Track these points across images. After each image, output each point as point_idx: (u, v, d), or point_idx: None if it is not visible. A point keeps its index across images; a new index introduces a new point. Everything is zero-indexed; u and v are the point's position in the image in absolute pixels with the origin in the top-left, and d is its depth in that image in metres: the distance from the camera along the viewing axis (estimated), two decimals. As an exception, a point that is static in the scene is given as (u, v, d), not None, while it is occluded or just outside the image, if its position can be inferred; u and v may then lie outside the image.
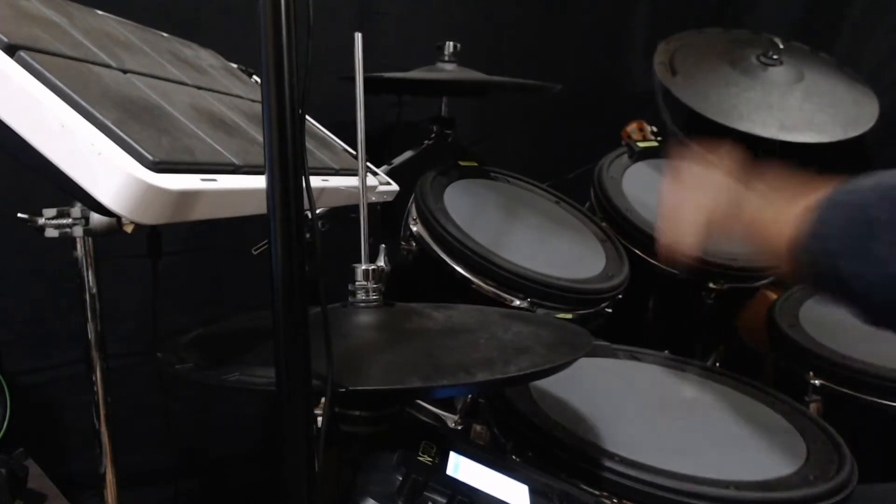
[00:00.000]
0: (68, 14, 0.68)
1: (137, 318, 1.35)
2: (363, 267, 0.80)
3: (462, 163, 1.44)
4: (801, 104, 1.57)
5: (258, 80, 1.05)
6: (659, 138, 1.69)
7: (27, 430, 1.24)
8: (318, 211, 0.60)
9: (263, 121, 0.48)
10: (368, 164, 0.89)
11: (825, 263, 0.62)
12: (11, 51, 0.50)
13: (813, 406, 1.17)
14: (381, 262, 0.81)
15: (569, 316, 1.19)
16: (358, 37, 0.81)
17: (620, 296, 1.26)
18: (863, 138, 1.52)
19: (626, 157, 1.59)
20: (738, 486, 0.82)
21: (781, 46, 1.65)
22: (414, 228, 1.23)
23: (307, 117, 0.54)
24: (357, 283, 0.80)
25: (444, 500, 0.65)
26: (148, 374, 1.33)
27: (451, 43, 1.43)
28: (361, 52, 0.82)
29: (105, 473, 0.87)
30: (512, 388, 0.99)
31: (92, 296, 0.82)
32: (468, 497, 0.66)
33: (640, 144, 1.63)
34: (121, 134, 0.49)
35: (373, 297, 0.80)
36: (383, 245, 1.03)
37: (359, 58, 0.81)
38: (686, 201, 0.82)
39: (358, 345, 0.72)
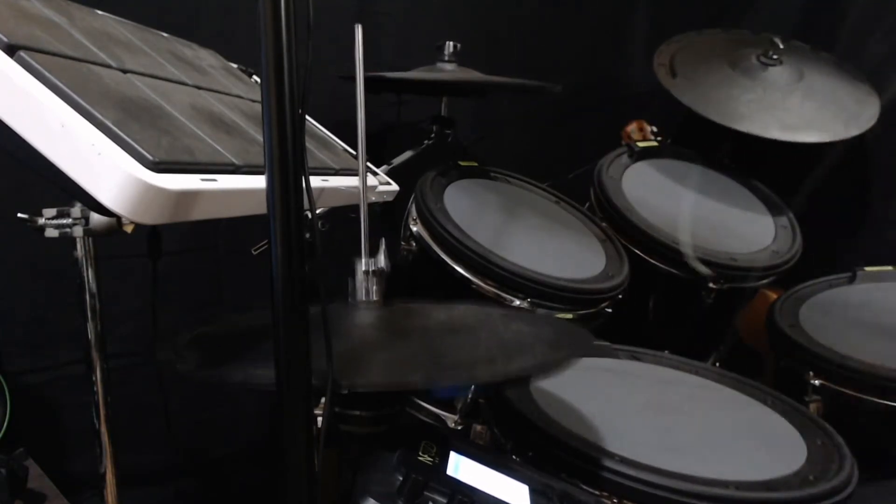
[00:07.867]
0: (68, 14, 0.68)
1: (137, 318, 1.35)
2: (363, 267, 0.80)
3: (462, 163, 1.44)
4: (801, 103, 1.57)
5: (258, 80, 1.05)
6: (658, 138, 1.69)
7: (27, 430, 1.24)
8: (318, 211, 0.60)
9: (263, 121, 0.48)
10: (368, 164, 0.88)
11: None
12: (11, 51, 0.50)
13: (813, 406, 1.17)
14: (381, 261, 0.81)
15: (569, 316, 1.19)
16: (358, 28, 0.81)
17: (620, 296, 1.26)
18: (864, 137, 1.52)
19: (625, 157, 1.59)
20: (739, 486, 0.82)
21: (781, 46, 1.65)
22: (414, 228, 1.23)
23: (307, 117, 0.54)
24: (357, 282, 0.80)
25: (445, 500, 0.65)
26: (148, 374, 1.33)
27: (451, 43, 1.42)
28: (362, 44, 0.81)
29: (105, 473, 0.87)
30: (512, 387, 0.99)
31: (92, 296, 0.82)
32: (468, 497, 0.66)
33: (640, 144, 1.63)
34: (121, 134, 0.49)
35: (373, 296, 0.80)
36: (383, 244, 1.03)
37: (359, 50, 0.81)
38: None
39: (358, 344, 0.72)
